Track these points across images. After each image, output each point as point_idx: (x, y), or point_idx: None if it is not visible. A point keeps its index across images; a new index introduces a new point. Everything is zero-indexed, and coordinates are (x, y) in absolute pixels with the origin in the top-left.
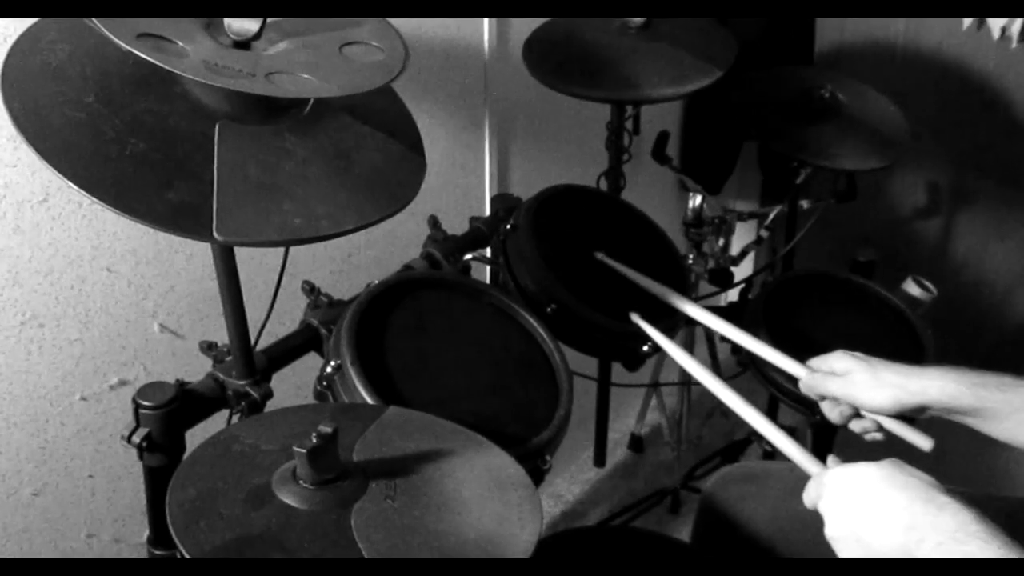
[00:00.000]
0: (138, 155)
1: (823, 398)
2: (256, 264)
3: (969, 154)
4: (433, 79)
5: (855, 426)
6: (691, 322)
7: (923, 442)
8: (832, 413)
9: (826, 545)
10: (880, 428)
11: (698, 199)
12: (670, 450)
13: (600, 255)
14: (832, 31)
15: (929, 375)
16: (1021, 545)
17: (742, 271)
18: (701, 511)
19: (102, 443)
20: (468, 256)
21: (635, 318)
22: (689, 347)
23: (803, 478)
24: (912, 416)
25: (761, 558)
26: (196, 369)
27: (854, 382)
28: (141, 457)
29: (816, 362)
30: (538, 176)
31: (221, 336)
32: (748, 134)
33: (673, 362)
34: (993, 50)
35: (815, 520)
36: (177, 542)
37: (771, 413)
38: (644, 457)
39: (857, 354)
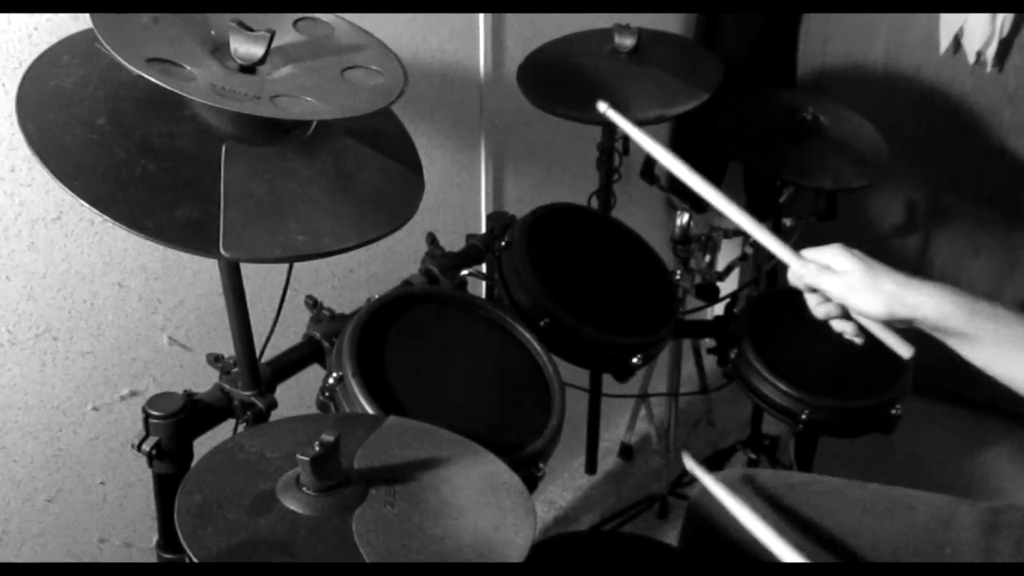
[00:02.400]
0: (148, 175)
1: (812, 290)
2: (261, 279)
3: (946, 174)
4: (431, 102)
5: (837, 325)
6: (679, 333)
7: (903, 350)
8: (818, 309)
9: (806, 552)
10: (861, 331)
11: (685, 217)
12: (658, 458)
13: (604, 106)
14: (814, 55)
15: (927, 290)
16: (1000, 546)
17: (728, 286)
18: (688, 518)
19: (113, 451)
20: (464, 272)
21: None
22: (676, 360)
23: (785, 487)
24: (898, 326)
25: (746, 563)
26: (203, 380)
27: (850, 282)
28: (151, 465)
29: (811, 253)
30: (532, 195)
31: (227, 349)
32: (733, 155)
33: (661, 374)
34: (969, 74)
35: (798, 527)
36: (185, 546)
37: (755, 422)
38: (633, 465)
39: (856, 252)
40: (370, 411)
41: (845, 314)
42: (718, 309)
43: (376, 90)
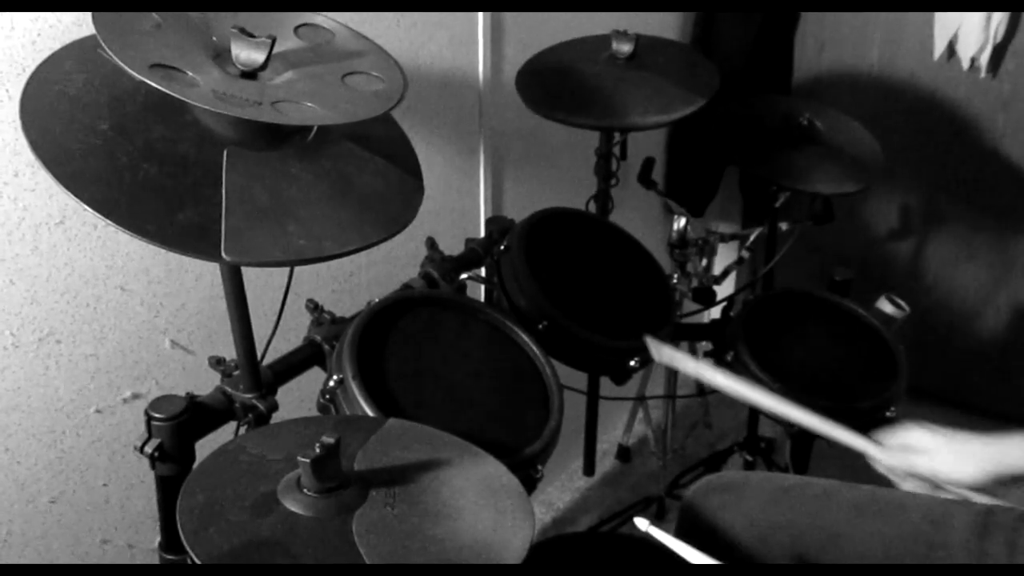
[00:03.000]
0: (150, 179)
1: (904, 477)
2: (262, 283)
3: (940, 178)
4: (431, 107)
5: (944, 495)
6: (676, 336)
7: None
8: (905, 485)
9: (800, 553)
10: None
11: (682, 221)
12: (655, 460)
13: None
14: (810, 62)
15: (1012, 444)
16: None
17: (724, 290)
18: (682, 519)
19: (116, 453)
20: (464, 276)
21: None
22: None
23: (779, 489)
24: (1007, 485)
25: (740, 564)
26: (205, 383)
27: (939, 460)
28: (153, 466)
29: (891, 439)
30: (530, 199)
31: (229, 352)
32: (730, 159)
33: (658, 376)
34: (963, 79)
35: (791, 529)
36: (187, 548)
37: (751, 425)
38: (631, 466)
39: (930, 427)
40: (370, 413)
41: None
42: (715, 312)
43: (376, 96)
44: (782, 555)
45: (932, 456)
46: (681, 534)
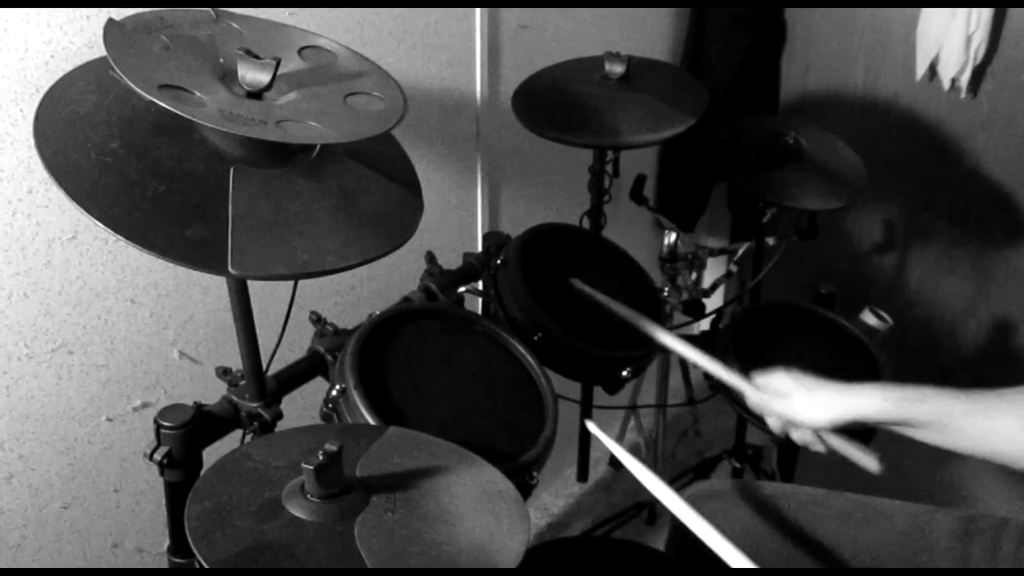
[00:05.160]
0: (159, 196)
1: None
2: (267, 296)
3: (922, 195)
4: (430, 126)
5: (796, 436)
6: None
7: (870, 463)
8: (775, 426)
9: (789, 559)
10: (820, 441)
11: (673, 236)
12: (647, 467)
13: (576, 282)
14: (796, 82)
15: (860, 392)
16: (974, 553)
17: (713, 302)
18: (674, 527)
19: (126, 460)
20: (462, 289)
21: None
22: (664, 373)
23: (767, 497)
24: (853, 429)
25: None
26: (212, 392)
27: (793, 402)
28: (162, 473)
29: (760, 380)
30: (526, 215)
31: (235, 362)
32: (718, 177)
33: (650, 386)
34: (944, 99)
35: (779, 536)
36: (195, 551)
37: (739, 433)
38: (623, 473)
39: (796, 374)
40: (371, 422)
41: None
42: (704, 324)
43: (377, 115)
44: (771, 561)
45: (789, 399)
46: (672, 541)
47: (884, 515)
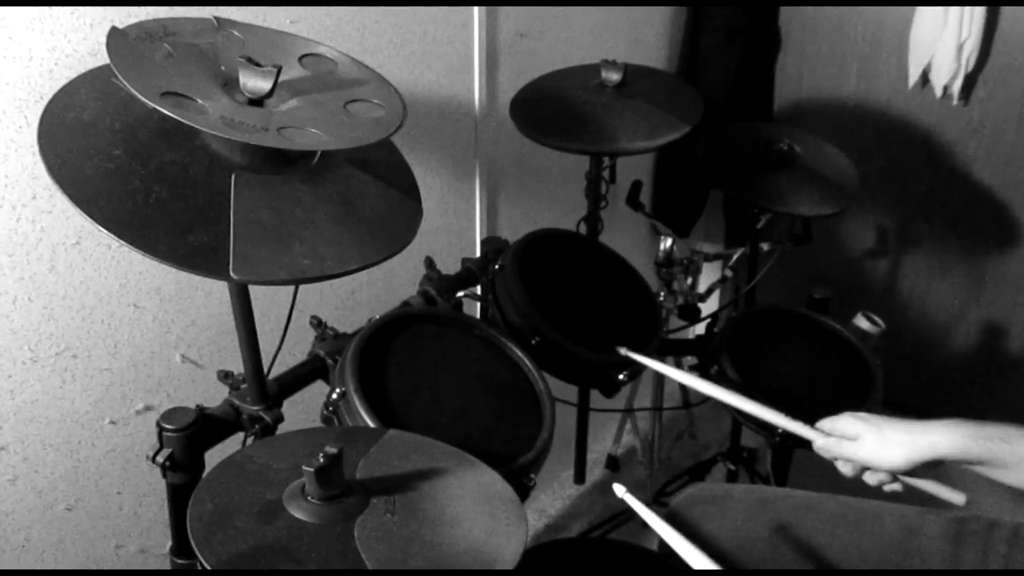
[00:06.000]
0: (162, 202)
1: (835, 459)
2: (268, 301)
3: (914, 201)
4: (429, 133)
5: (870, 479)
6: (662, 351)
7: (956, 497)
8: (845, 468)
9: (781, 562)
10: (895, 479)
11: (668, 242)
12: (643, 469)
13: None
14: (790, 90)
15: (935, 430)
16: (965, 555)
17: (708, 307)
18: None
19: (129, 463)
20: (460, 293)
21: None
22: (660, 376)
23: (760, 500)
24: (928, 468)
25: (721, 566)
26: (214, 396)
27: (864, 445)
28: (164, 475)
29: (826, 426)
30: (524, 221)
31: (237, 366)
32: (714, 183)
33: (646, 389)
34: (936, 107)
35: (772, 539)
36: (197, 552)
37: (734, 436)
38: (620, 475)
39: (863, 415)
40: (371, 425)
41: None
42: (699, 328)
43: (377, 122)
44: (763, 564)
45: (859, 442)
46: (665, 543)
47: (876, 518)
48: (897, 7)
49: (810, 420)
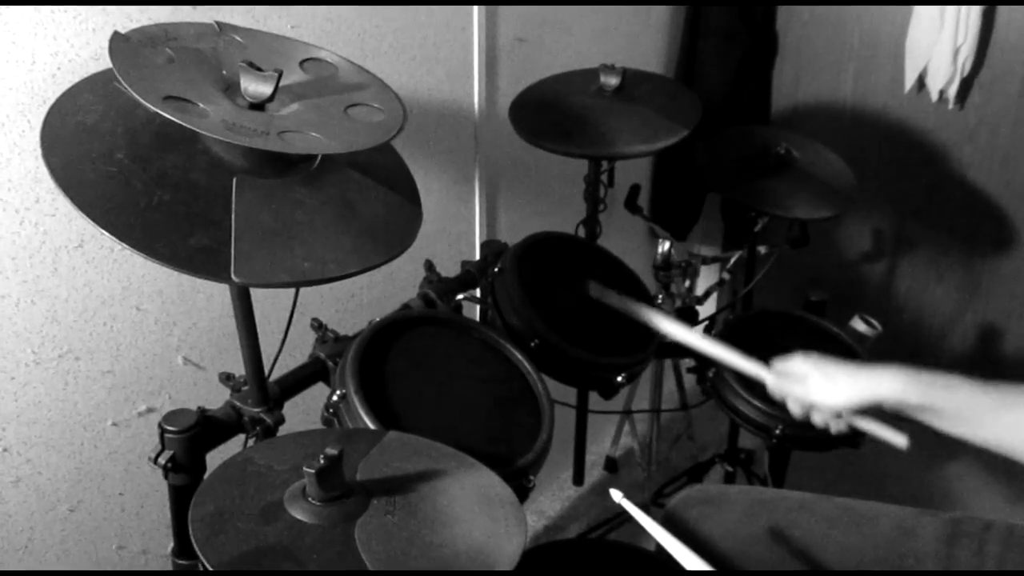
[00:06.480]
0: (163, 205)
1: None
2: (269, 303)
3: (910, 204)
4: (429, 137)
5: (816, 419)
6: (660, 354)
7: (898, 440)
8: (794, 408)
9: (777, 563)
10: (839, 418)
11: (666, 245)
12: (641, 470)
13: (593, 284)
14: (787, 94)
15: (879, 374)
16: (960, 556)
17: (706, 310)
18: (663, 526)
19: (131, 464)
20: (460, 296)
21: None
22: (658, 378)
23: (756, 502)
24: (871, 411)
25: (717, 566)
26: (216, 398)
27: (812, 385)
28: (166, 477)
29: (780, 366)
30: (523, 224)
31: (238, 368)
32: (711, 186)
33: (644, 391)
34: (932, 111)
35: (768, 540)
36: (199, 553)
37: (732, 437)
38: (618, 477)
39: (813, 357)
40: (371, 426)
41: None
42: (697, 331)
43: (377, 126)
44: (760, 564)
45: (807, 382)
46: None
47: (870, 519)
48: (893, 11)
49: (809, 423)
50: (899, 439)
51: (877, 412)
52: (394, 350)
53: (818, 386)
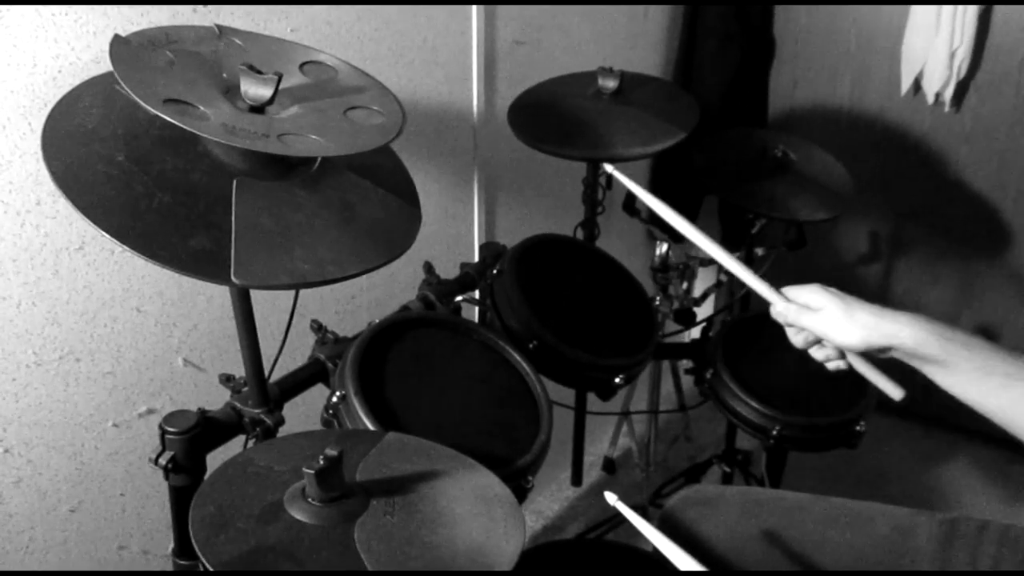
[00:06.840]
0: (164, 207)
1: (790, 325)
2: (269, 305)
3: (906, 207)
4: (428, 140)
5: (817, 353)
6: (658, 355)
7: (894, 391)
8: (797, 338)
9: (774, 563)
10: (842, 356)
11: (664, 247)
12: (639, 471)
13: (610, 168)
14: (784, 97)
15: (901, 319)
16: (955, 556)
17: (704, 311)
18: (661, 530)
19: (132, 465)
20: (459, 298)
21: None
22: (656, 380)
23: (753, 502)
24: (877, 356)
25: (713, 566)
26: (216, 399)
27: (827, 318)
28: (167, 477)
29: (791, 292)
30: (521, 226)
31: (238, 369)
32: (709, 189)
33: (642, 393)
34: (928, 114)
35: (765, 540)
36: (199, 554)
37: (729, 438)
38: (616, 477)
39: (832, 289)
40: (371, 427)
41: (820, 342)
42: (695, 332)
43: (377, 129)
44: (756, 565)
45: (821, 314)
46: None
47: (867, 519)
48: (890, 15)
49: (808, 420)
50: (895, 391)
51: (879, 361)
52: (393, 352)
53: (833, 319)
